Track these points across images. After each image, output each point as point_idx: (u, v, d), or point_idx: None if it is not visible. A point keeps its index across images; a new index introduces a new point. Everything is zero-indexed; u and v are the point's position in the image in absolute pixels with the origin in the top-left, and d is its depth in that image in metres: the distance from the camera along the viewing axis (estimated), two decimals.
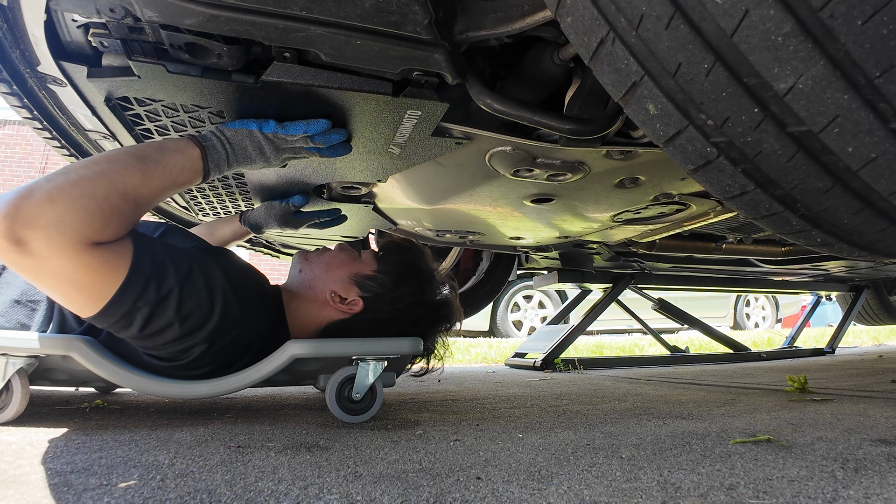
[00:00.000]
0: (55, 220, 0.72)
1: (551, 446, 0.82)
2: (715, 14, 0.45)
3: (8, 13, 0.74)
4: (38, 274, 0.74)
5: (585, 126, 0.87)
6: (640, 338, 4.51)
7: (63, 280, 0.75)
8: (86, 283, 0.77)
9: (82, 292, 0.77)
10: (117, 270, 0.79)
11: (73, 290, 0.77)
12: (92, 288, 0.78)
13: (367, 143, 1.04)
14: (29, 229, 0.71)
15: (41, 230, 0.71)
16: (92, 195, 0.75)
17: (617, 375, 2.13)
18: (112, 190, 0.78)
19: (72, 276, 0.75)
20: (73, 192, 0.74)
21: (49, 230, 0.72)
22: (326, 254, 1.17)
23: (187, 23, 0.69)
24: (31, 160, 8.57)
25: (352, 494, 0.59)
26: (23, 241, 0.71)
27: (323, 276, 1.12)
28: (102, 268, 0.77)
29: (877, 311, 3.66)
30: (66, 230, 0.73)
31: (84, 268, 0.75)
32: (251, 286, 1.01)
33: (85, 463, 0.70)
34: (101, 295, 0.79)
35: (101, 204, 0.76)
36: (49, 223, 0.72)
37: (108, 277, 0.78)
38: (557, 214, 1.47)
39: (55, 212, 0.72)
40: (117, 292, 0.79)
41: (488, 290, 2.64)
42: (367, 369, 1.02)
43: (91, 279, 0.77)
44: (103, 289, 0.78)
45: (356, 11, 0.68)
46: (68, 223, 0.73)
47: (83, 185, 0.75)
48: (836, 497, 0.56)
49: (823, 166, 0.55)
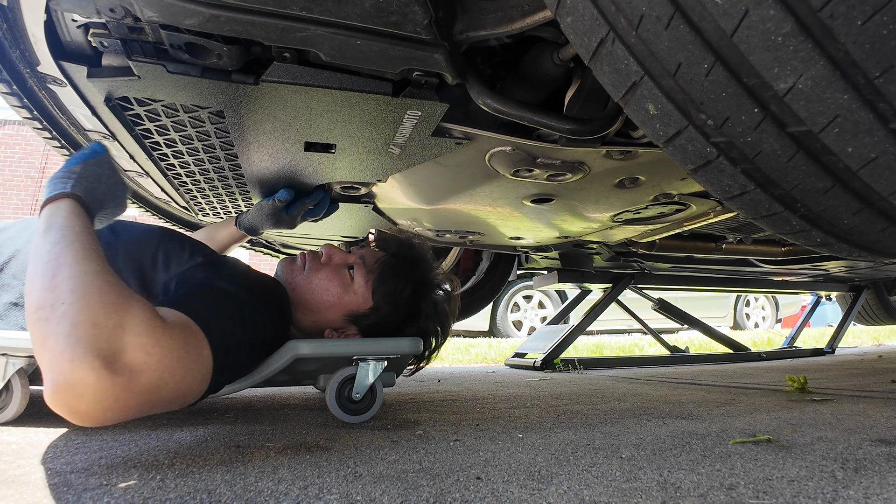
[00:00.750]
0: (120, 327, 0.61)
1: (551, 446, 0.82)
2: (715, 14, 0.45)
3: (8, 13, 0.74)
4: (150, 388, 0.61)
5: (585, 126, 0.87)
6: (640, 338, 4.51)
7: (165, 376, 0.63)
8: (180, 367, 0.66)
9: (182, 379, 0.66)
10: (193, 337, 0.70)
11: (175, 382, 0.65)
12: (184, 370, 0.67)
13: (367, 144, 1.04)
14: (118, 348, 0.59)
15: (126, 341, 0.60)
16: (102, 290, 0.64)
17: (617, 375, 2.13)
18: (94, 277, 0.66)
19: (171, 367, 0.64)
20: (93, 301, 0.62)
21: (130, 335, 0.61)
22: (314, 282, 1.05)
23: (187, 23, 0.69)
24: (31, 160, 8.57)
25: (352, 494, 0.59)
26: (121, 362, 0.59)
27: (316, 313, 1.05)
28: (185, 341, 0.68)
29: (877, 311, 3.66)
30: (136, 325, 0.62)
31: (176, 350, 0.65)
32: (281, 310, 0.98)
33: (85, 463, 0.70)
34: (196, 377, 0.69)
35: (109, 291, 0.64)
36: (121, 332, 0.60)
37: (193, 349, 0.69)
38: (557, 214, 1.47)
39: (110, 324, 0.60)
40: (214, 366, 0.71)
41: (488, 290, 2.64)
42: (366, 369, 1.02)
43: (183, 359, 0.66)
44: (194, 369, 0.68)
45: (356, 11, 0.68)
46: (129, 320, 0.62)
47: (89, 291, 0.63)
48: (836, 497, 0.56)
49: (823, 166, 0.55)
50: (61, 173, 0.81)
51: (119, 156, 1.17)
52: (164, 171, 1.23)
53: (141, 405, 0.61)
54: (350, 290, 1.05)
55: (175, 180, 1.28)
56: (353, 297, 1.05)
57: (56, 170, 0.78)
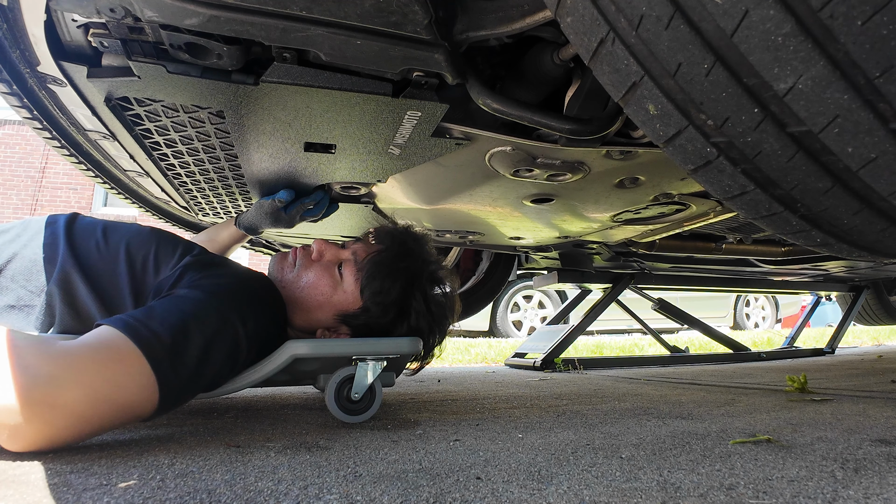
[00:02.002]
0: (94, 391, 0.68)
1: (551, 446, 0.82)
2: (715, 14, 0.45)
3: (8, 13, 0.74)
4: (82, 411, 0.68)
5: (585, 126, 0.87)
6: (640, 338, 4.52)
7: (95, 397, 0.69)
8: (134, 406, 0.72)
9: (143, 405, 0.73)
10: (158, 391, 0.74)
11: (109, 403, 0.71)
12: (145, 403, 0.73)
13: (366, 144, 1.04)
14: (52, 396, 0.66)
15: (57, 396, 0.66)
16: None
17: (617, 375, 2.13)
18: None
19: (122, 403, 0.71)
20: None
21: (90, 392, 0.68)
22: (304, 281, 1.05)
23: (187, 23, 0.69)
24: (31, 160, 8.57)
25: (352, 494, 0.59)
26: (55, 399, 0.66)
27: (307, 312, 1.05)
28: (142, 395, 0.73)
29: (877, 311, 3.66)
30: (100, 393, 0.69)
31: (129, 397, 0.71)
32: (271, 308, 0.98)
33: (85, 463, 0.70)
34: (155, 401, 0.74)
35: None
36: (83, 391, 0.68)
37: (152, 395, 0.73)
38: (557, 214, 1.47)
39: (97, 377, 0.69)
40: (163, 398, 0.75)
41: (488, 290, 2.64)
42: (366, 369, 1.02)
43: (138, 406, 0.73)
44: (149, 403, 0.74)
45: (356, 11, 0.68)
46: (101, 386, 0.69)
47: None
48: (836, 497, 0.56)
49: (823, 166, 0.55)
50: None
51: (119, 155, 1.17)
52: (164, 171, 1.23)
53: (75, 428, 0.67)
54: (340, 290, 1.04)
55: (175, 180, 1.28)
56: (342, 297, 1.04)
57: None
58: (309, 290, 1.04)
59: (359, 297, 1.04)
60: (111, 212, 8.58)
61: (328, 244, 1.09)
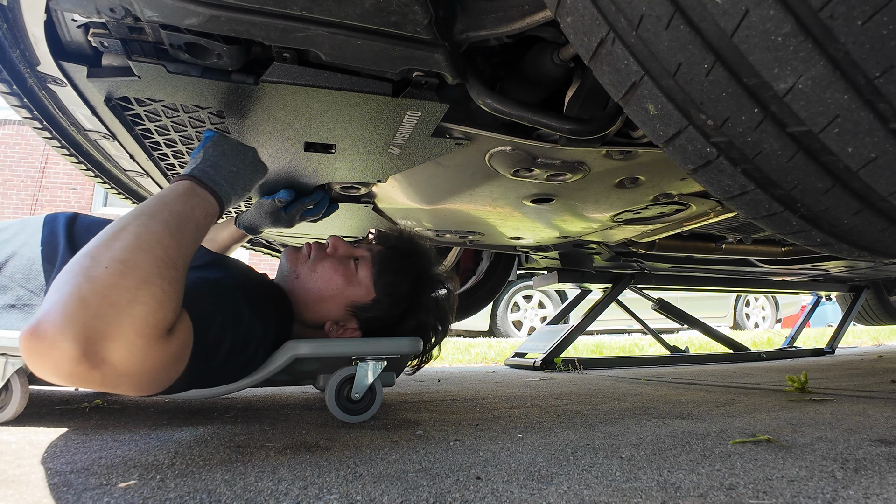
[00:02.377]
0: (128, 323, 0.62)
1: (551, 446, 0.82)
2: (715, 14, 0.45)
3: (8, 13, 0.74)
4: (115, 381, 0.63)
5: (585, 126, 0.87)
6: (640, 338, 4.51)
7: (140, 377, 0.66)
8: (161, 372, 0.69)
9: (155, 381, 0.69)
10: (185, 348, 0.72)
11: (146, 382, 0.68)
12: (164, 373, 0.70)
13: (366, 144, 1.04)
14: (106, 342, 0.60)
15: (119, 340, 0.61)
16: (148, 280, 0.65)
17: (617, 375, 2.13)
18: (161, 266, 0.67)
19: (150, 372, 0.66)
20: (129, 285, 0.63)
21: (127, 336, 0.61)
22: (319, 272, 1.05)
23: (187, 23, 0.69)
24: (31, 160, 8.57)
25: (352, 494, 0.59)
26: (102, 357, 0.60)
27: (319, 303, 1.04)
28: (176, 352, 0.70)
29: (877, 311, 3.66)
30: (143, 329, 0.63)
31: (163, 359, 0.67)
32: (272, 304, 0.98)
33: (85, 463, 0.70)
34: (171, 378, 0.72)
35: (161, 285, 0.66)
36: (124, 329, 0.61)
37: (179, 359, 0.71)
38: (557, 214, 1.47)
39: (123, 315, 0.61)
40: (184, 371, 0.73)
41: (488, 290, 2.64)
42: (366, 369, 1.02)
43: (166, 366, 0.69)
44: (172, 372, 0.71)
45: (356, 11, 0.68)
46: (141, 321, 0.63)
47: (134, 273, 0.64)
48: (836, 497, 0.56)
49: (823, 166, 0.55)
50: (189, 162, 0.85)
51: (119, 155, 1.17)
52: (164, 171, 1.23)
53: (99, 387, 0.63)
54: (354, 281, 1.06)
55: None
56: (356, 289, 1.05)
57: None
58: (324, 281, 1.05)
59: (372, 289, 1.06)
60: (111, 212, 8.58)
61: (342, 241, 1.12)
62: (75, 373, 0.58)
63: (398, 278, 1.07)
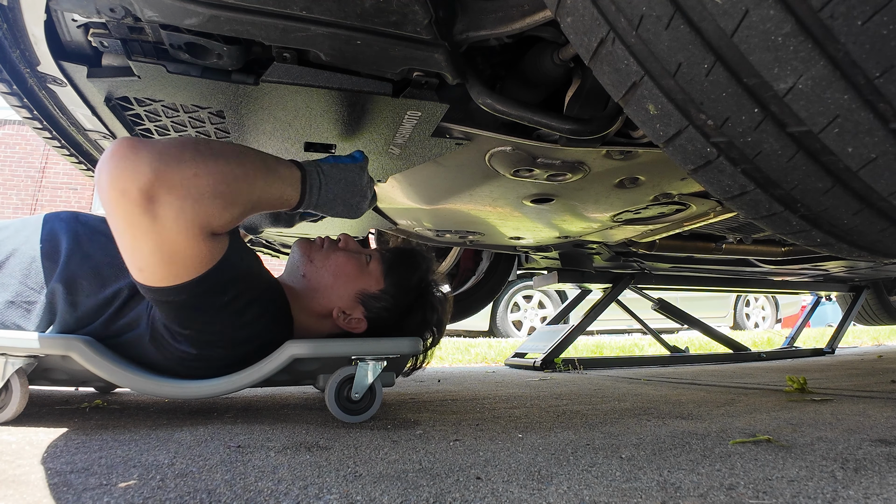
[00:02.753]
0: (194, 197, 0.73)
1: (551, 446, 0.82)
2: (715, 14, 0.45)
3: (8, 13, 0.74)
4: (143, 236, 0.73)
5: (585, 126, 0.87)
6: (640, 338, 4.51)
7: (163, 250, 0.75)
8: (180, 262, 0.77)
9: (169, 268, 0.77)
10: (208, 261, 0.80)
11: (162, 262, 0.76)
12: (180, 267, 0.77)
13: (366, 144, 1.04)
14: (167, 194, 0.71)
15: (177, 201, 0.72)
16: (231, 190, 0.76)
17: (617, 375, 2.13)
18: (246, 190, 0.79)
19: (173, 251, 0.75)
20: (217, 177, 0.75)
21: (184, 204, 0.72)
22: (332, 259, 1.10)
23: (187, 23, 0.69)
24: (31, 160, 8.57)
25: (352, 494, 0.59)
26: (155, 201, 0.71)
27: (330, 288, 1.07)
28: (201, 254, 0.78)
29: (876, 311, 3.66)
30: (199, 211, 0.74)
31: (190, 249, 0.76)
32: (276, 297, 1.01)
33: (85, 463, 0.70)
34: (183, 275, 0.79)
35: (235, 200, 0.78)
36: (187, 197, 0.72)
37: (199, 264, 0.79)
38: (557, 214, 1.47)
39: (197, 190, 0.73)
40: (197, 279, 0.80)
41: (488, 290, 2.64)
42: (366, 369, 1.02)
43: (186, 260, 0.77)
44: (189, 271, 0.78)
45: (356, 11, 0.68)
46: (203, 205, 0.74)
47: (228, 176, 0.76)
48: (836, 497, 0.56)
49: (823, 166, 0.55)
50: (314, 161, 0.93)
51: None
52: None
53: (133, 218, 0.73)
54: (365, 272, 1.10)
55: None
56: (367, 278, 1.10)
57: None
58: (337, 267, 1.09)
59: (382, 280, 1.11)
60: None
61: (353, 239, 1.17)
62: (130, 192, 0.70)
63: (407, 273, 1.13)
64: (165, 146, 0.73)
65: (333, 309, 1.07)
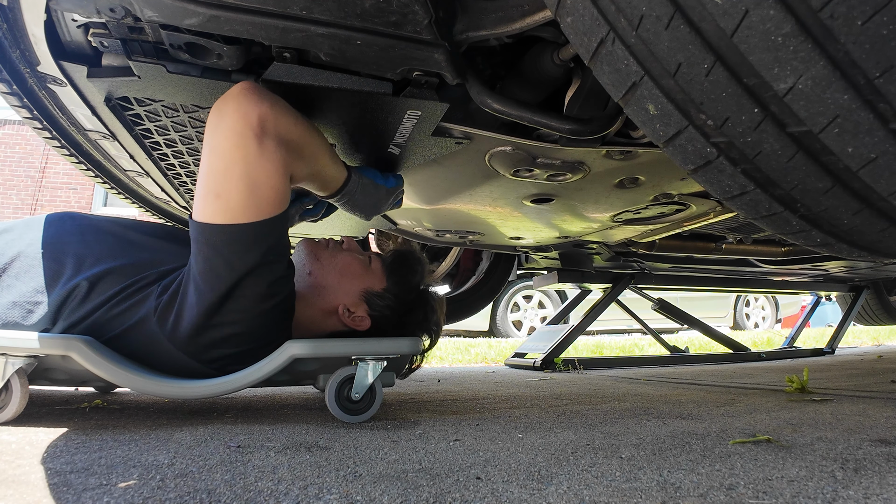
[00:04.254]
0: (288, 141, 0.86)
1: (551, 446, 0.82)
2: (715, 14, 0.45)
3: (8, 13, 0.74)
4: (242, 160, 0.83)
5: (585, 126, 0.87)
6: (640, 338, 4.52)
7: (251, 177, 0.84)
8: (259, 194, 0.86)
9: (248, 198, 0.85)
10: (276, 206, 0.89)
11: (245, 191, 0.85)
12: (257, 200, 0.86)
13: (366, 143, 1.04)
14: (274, 130, 0.83)
15: (278, 139, 0.84)
16: (310, 151, 0.90)
17: (617, 375, 2.13)
18: (316, 157, 0.92)
19: (259, 181, 0.85)
20: (306, 136, 0.89)
21: (281, 143, 0.85)
22: (339, 258, 1.14)
23: (187, 23, 0.69)
24: (31, 160, 8.57)
25: (351, 494, 0.59)
26: (266, 132, 0.83)
27: (336, 286, 1.10)
28: (277, 195, 0.88)
29: (876, 312, 3.66)
30: (290, 154, 0.87)
31: (273, 183, 0.86)
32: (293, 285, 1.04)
33: (84, 463, 0.70)
34: (253, 213, 0.86)
35: (309, 160, 0.91)
36: (284, 139, 0.85)
37: (270, 204, 0.88)
38: (557, 214, 1.47)
39: (292, 137, 0.86)
40: (260, 222, 0.87)
41: (488, 290, 2.63)
42: (366, 369, 1.02)
43: (265, 193, 0.86)
44: (260, 210, 0.87)
45: (356, 11, 0.68)
46: (292, 152, 0.87)
47: (311, 138, 0.90)
48: (836, 497, 0.56)
49: (823, 166, 0.55)
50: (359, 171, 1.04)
51: (119, 155, 1.17)
52: (164, 171, 1.23)
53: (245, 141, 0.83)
54: (369, 271, 1.14)
55: (175, 180, 1.28)
56: (371, 277, 1.14)
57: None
58: (344, 265, 1.13)
59: (384, 279, 1.15)
60: (111, 212, 8.57)
61: (355, 242, 1.22)
62: (251, 117, 0.81)
63: (407, 273, 1.17)
64: (276, 97, 0.84)
65: (339, 306, 1.09)
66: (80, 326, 0.94)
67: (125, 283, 0.96)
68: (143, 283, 0.96)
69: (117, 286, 0.95)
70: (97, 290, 0.95)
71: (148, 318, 0.94)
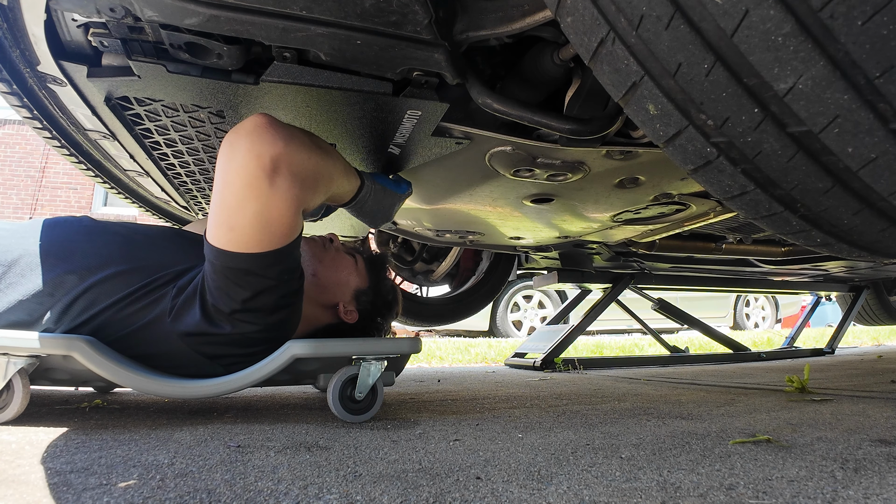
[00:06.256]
0: (303, 177, 0.87)
1: (551, 446, 0.82)
2: (715, 14, 0.45)
3: (8, 13, 0.74)
4: (255, 198, 0.84)
5: (585, 126, 0.87)
6: (640, 338, 4.51)
7: (264, 215, 0.86)
8: (272, 230, 0.87)
9: (261, 233, 0.87)
10: (288, 236, 0.91)
11: (258, 226, 0.86)
12: (270, 234, 0.87)
13: (366, 143, 1.04)
14: (287, 168, 0.84)
15: (292, 177, 0.85)
16: (325, 181, 0.92)
17: (617, 375, 2.13)
18: (332, 184, 0.94)
19: (272, 217, 0.86)
20: (321, 167, 0.90)
21: (295, 181, 0.86)
22: (338, 259, 1.20)
23: (187, 22, 0.69)
24: (31, 160, 8.56)
25: (351, 494, 0.59)
26: (278, 172, 0.84)
27: (336, 285, 1.17)
28: (289, 228, 0.90)
29: (876, 312, 3.66)
30: (303, 189, 0.88)
31: (286, 219, 0.88)
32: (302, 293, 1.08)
33: (84, 462, 0.70)
34: (267, 244, 0.88)
35: (325, 189, 0.93)
36: (299, 176, 0.86)
37: (283, 236, 0.89)
38: (557, 214, 1.47)
39: (307, 173, 0.87)
40: (274, 251, 0.89)
41: (488, 290, 2.64)
42: (369, 369, 1.02)
43: (278, 229, 0.88)
44: (273, 241, 0.88)
45: (356, 11, 0.68)
46: (307, 186, 0.88)
47: (326, 168, 0.91)
48: (836, 497, 0.56)
49: (823, 166, 0.55)
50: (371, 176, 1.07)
51: (119, 155, 1.17)
52: (164, 171, 1.23)
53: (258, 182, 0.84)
54: (356, 269, 1.22)
55: (175, 180, 1.28)
56: (359, 275, 1.22)
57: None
58: (344, 266, 1.21)
59: (367, 277, 1.23)
60: (111, 212, 8.57)
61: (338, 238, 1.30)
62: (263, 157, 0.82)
63: (384, 272, 1.28)
64: (292, 130, 0.86)
65: (339, 303, 1.17)
66: (88, 327, 0.94)
67: (139, 284, 0.96)
68: (159, 284, 0.97)
69: (130, 287, 0.96)
70: (106, 292, 0.95)
71: (162, 317, 0.95)
